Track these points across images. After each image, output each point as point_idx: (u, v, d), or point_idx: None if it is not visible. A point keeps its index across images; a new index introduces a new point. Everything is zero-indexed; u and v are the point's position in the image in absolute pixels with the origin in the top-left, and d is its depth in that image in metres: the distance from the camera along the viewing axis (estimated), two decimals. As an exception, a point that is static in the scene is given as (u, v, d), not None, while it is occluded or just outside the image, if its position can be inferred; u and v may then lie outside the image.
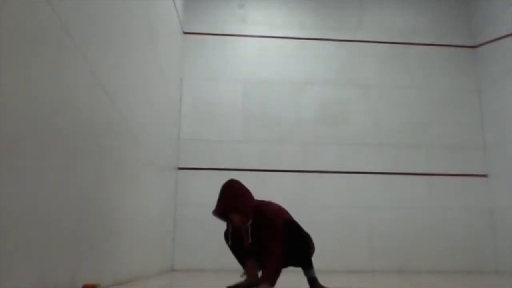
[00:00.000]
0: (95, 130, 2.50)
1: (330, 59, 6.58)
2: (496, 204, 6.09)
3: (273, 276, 2.45)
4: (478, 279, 4.44)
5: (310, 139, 6.23)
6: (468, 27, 6.80)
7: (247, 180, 2.80)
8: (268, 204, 2.67)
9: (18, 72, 1.58)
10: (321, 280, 2.62)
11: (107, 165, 2.73)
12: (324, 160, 6.17)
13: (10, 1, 1.51)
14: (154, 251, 4.51)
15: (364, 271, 5.71)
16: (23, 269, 1.63)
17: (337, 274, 4.75)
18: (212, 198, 6.41)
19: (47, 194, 1.84)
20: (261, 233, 2.55)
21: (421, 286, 3.50)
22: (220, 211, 2.60)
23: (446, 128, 6.43)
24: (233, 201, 2.57)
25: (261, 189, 3.07)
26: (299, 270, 2.69)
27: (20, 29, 1.59)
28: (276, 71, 6.46)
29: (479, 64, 6.62)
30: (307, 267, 2.61)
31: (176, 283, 3.71)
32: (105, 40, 2.67)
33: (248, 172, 5.73)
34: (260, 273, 2.62)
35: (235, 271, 4.37)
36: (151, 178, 4.23)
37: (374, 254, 5.89)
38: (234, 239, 2.74)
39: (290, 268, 2.67)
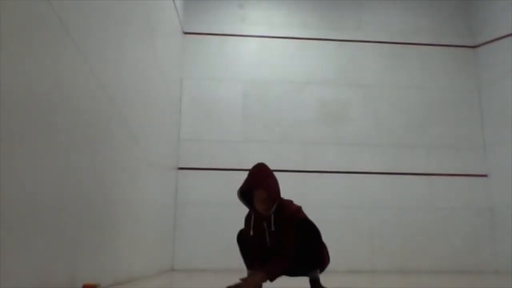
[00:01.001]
0: (95, 130, 2.50)
1: (330, 59, 6.58)
2: (496, 204, 6.09)
3: (275, 272, 2.40)
4: (478, 279, 4.44)
5: (310, 139, 6.23)
6: (468, 27, 6.80)
7: (247, 180, 2.78)
8: (291, 203, 2.62)
9: (18, 72, 1.58)
10: (321, 280, 2.61)
11: (107, 165, 2.73)
12: (324, 160, 6.17)
13: (10, 1, 1.51)
14: (154, 251, 4.51)
15: (364, 271, 5.71)
16: (23, 269, 1.63)
17: (337, 274, 4.75)
18: (212, 198, 6.44)
19: (47, 194, 1.84)
20: (279, 232, 2.48)
21: (421, 286, 3.50)
22: (248, 185, 2.50)
23: (446, 128, 6.43)
24: (263, 177, 2.49)
25: (261, 189, 3.06)
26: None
27: (19, 29, 1.59)
28: (276, 71, 6.46)
29: (479, 64, 6.62)
30: (314, 268, 2.57)
31: (176, 283, 3.71)
32: (105, 40, 2.67)
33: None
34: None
35: (235, 271, 4.37)
36: (151, 178, 4.23)
37: (374, 254, 5.89)
38: (255, 232, 2.56)
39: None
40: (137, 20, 3.54)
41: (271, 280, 2.40)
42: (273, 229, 2.50)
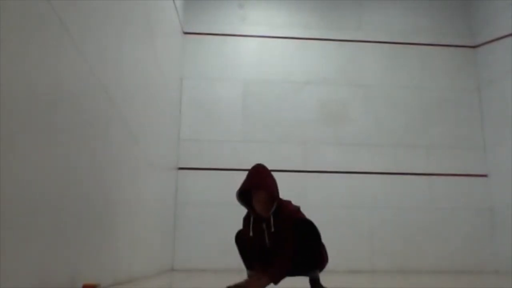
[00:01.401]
0: (95, 130, 2.50)
1: (330, 59, 6.58)
2: (496, 204, 6.09)
3: (278, 275, 2.40)
4: (478, 279, 4.44)
5: (310, 139, 6.23)
6: (468, 27, 6.80)
7: (247, 180, 2.77)
8: (289, 203, 2.61)
9: (18, 72, 1.58)
10: (322, 280, 2.61)
11: (107, 165, 2.73)
12: (324, 160, 6.16)
13: (10, 1, 1.51)
14: (154, 251, 4.51)
15: (364, 271, 5.71)
16: (23, 269, 1.63)
17: (337, 274, 4.75)
18: (212, 198, 6.43)
19: (47, 194, 1.84)
20: (279, 233, 2.47)
21: (421, 286, 3.50)
22: (246, 186, 2.49)
23: (446, 128, 6.42)
24: (261, 178, 2.49)
25: (261, 189, 3.05)
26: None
27: (19, 29, 1.59)
28: (276, 71, 6.46)
29: (479, 64, 6.62)
30: (313, 268, 2.56)
31: (176, 283, 3.71)
32: (105, 40, 2.67)
33: (248, 172, 5.73)
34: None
35: (235, 271, 4.37)
36: (151, 178, 4.23)
37: (374, 254, 5.89)
38: (254, 233, 2.55)
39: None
40: (137, 20, 3.54)
41: (275, 283, 2.40)
42: (273, 230, 2.49)
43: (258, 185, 2.49)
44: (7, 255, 1.50)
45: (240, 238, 2.69)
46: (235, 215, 2.84)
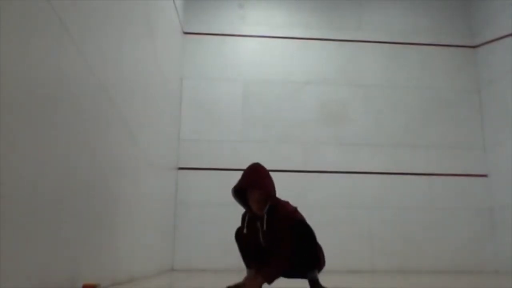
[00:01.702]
0: (95, 130, 2.50)
1: (330, 59, 6.58)
2: (496, 204, 6.09)
3: (272, 275, 2.41)
4: (478, 279, 4.44)
5: (310, 139, 6.23)
6: (468, 27, 6.80)
7: (247, 180, 2.77)
8: (287, 204, 2.61)
9: (18, 72, 1.58)
10: (321, 280, 2.61)
11: (107, 165, 2.73)
12: (324, 160, 6.16)
13: (10, 1, 1.51)
14: (154, 251, 4.51)
15: (364, 271, 5.71)
16: (23, 269, 1.63)
17: (337, 274, 4.75)
18: (212, 198, 6.43)
19: (47, 194, 1.84)
20: (274, 232, 2.48)
21: (421, 286, 3.50)
22: (242, 185, 2.51)
23: (446, 128, 6.42)
24: (258, 177, 2.51)
25: (261, 189, 3.05)
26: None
27: (19, 29, 1.59)
28: (276, 71, 6.46)
29: (479, 64, 6.62)
30: (311, 269, 2.57)
31: (176, 283, 3.71)
32: (105, 40, 2.67)
33: (248, 172, 5.72)
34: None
35: (235, 271, 4.37)
36: (151, 178, 4.23)
37: (374, 254, 5.89)
38: (249, 231, 2.57)
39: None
40: (137, 20, 3.54)
41: (269, 282, 2.41)
42: (265, 228, 2.51)
43: (253, 184, 2.51)
44: (7, 255, 1.50)
45: (239, 235, 2.70)
46: (235, 215, 2.84)
